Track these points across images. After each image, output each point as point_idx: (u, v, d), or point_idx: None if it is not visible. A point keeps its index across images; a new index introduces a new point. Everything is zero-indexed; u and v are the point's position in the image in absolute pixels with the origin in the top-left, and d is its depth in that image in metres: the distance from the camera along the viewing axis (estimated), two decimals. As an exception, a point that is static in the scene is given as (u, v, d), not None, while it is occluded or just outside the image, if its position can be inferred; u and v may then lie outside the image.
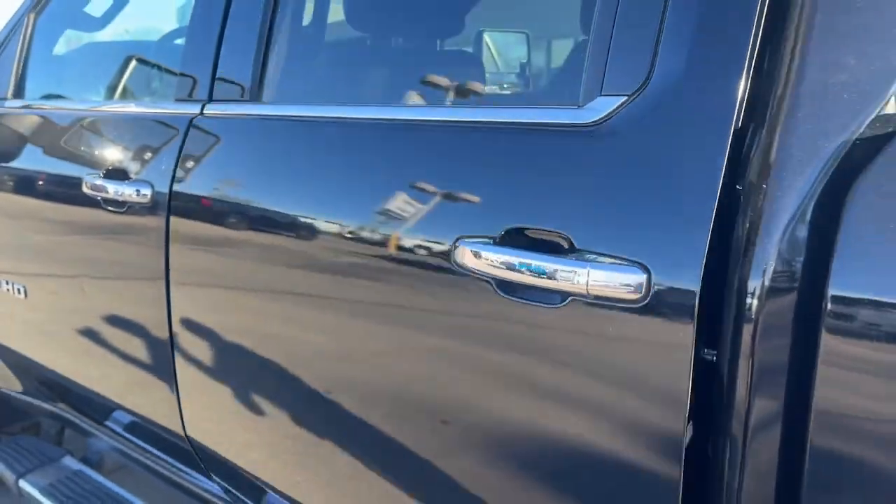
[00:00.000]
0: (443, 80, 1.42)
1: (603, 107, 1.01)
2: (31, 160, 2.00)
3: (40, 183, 1.94)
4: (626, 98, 0.99)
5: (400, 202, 1.19)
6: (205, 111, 1.55)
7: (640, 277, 0.92)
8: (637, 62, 0.99)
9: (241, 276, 1.45)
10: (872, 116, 0.87)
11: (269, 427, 1.51)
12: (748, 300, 0.87)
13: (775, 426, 0.89)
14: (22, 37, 2.09)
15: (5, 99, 2.11)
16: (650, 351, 0.95)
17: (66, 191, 1.84)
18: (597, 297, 0.95)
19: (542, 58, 2.15)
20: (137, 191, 1.58)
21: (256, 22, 1.49)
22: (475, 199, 1.13)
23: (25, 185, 1.99)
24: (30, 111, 2.05)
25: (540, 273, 1.00)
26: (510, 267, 1.03)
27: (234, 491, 1.71)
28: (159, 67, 1.98)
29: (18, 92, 2.09)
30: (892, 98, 0.89)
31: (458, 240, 1.09)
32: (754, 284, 0.86)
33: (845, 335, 0.83)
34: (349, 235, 1.25)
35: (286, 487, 1.56)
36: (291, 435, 1.47)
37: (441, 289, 1.14)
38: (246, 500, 1.69)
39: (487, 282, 1.06)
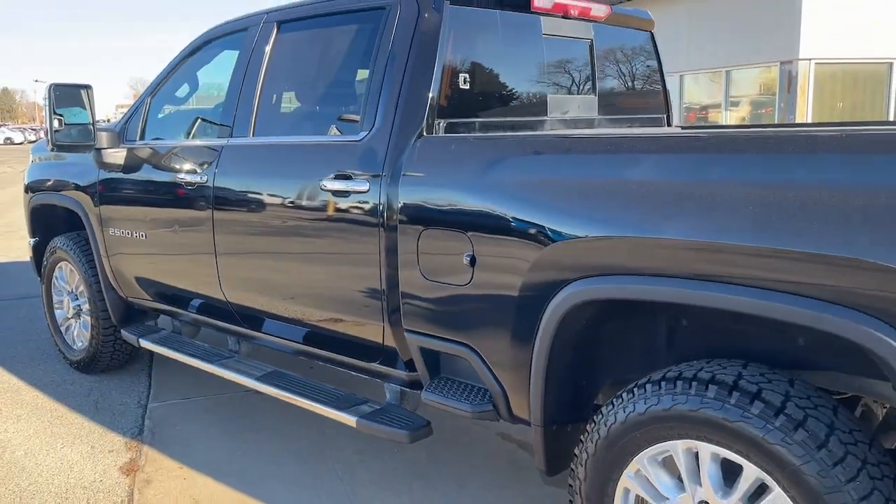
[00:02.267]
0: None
1: (360, 136, 2.85)
2: (147, 170, 3.96)
3: (151, 180, 3.90)
4: (367, 132, 2.84)
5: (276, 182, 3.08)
6: (228, 142, 3.46)
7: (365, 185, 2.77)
8: (368, 119, 2.84)
9: (244, 227, 3.35)
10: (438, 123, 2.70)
11: (256, 291, 3.40)
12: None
13: None
14: (144, 107, 4.08)
15: (135, 140, 4.08)
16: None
17: (164, 182, 3.78)
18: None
19: (336, 112, 3.59)
20: (198, 178, 3.50)
21: (248, 101, 3.40)
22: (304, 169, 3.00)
23: (145, 181, 3.96)
24: (147, 145, 4.01)
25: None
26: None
27: (245, 323, 3.60)
28: (207, 121, 3.89)
29: (142, 136, 4.07)
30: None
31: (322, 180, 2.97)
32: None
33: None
34: (268, 204, 3.15)
35: (262, 306, 3.44)
36: (263, 292, 3.36)
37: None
38: (252, 326, 3.57)
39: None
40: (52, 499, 3.24)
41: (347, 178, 2.84)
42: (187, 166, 3.63)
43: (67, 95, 3.86)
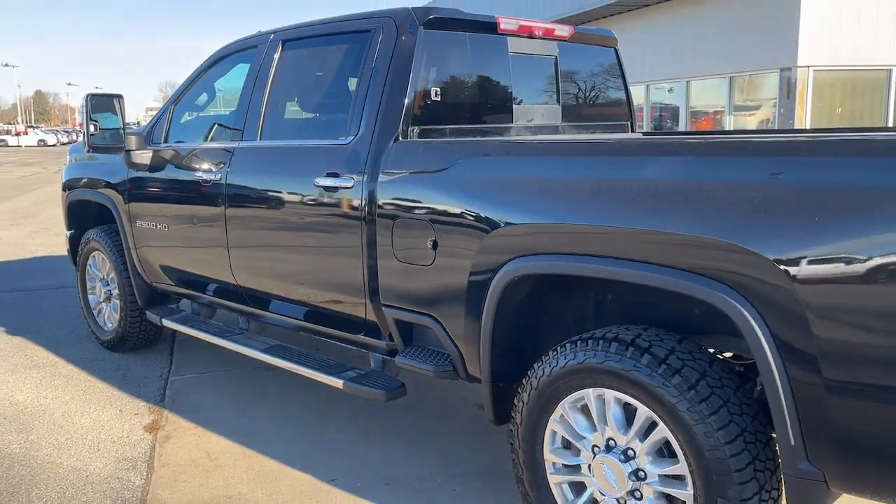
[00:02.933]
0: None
1: (348, 140, 3.36)
2: (170, 169, 4.50)
3: (173, 178, 4.44)
4: (353, 137, 3.35)
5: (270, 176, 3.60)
6: (239, 145, 3.98)
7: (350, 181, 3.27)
8: (354, 125, 3.35)
9: (251, 219, 3.87)
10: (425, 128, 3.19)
11: (261, 275, 3.91)
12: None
13: None
14: (168, 115, 4.62)
15: (160, 143, 4.62)
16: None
17: (184, 180, 4.32)
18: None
19: (329, 119, 4.10)
20: (213, 177, 4.02)
21: (256, 110, 3.91)
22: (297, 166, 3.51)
23: (168, 179, 4.50)
24: (170, 147, 4.55)
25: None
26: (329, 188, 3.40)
27: (253, 304, 4.11)
28: (222, 126, 4.42)
29: (166, 139, 4.61)
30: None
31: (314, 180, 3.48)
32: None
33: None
34: (270, 199, 3.67)
35: (267, 288, 3.95)
36: (267, 276, 3.88)
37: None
38: (258, 306, 4.08)
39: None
40: (86, 449, 3.79)
41: (336, 175, 3.34)
42: (204, 166, 4.16)
43: (101, 103, 4.42)
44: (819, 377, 2.00)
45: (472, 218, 2.82)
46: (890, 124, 11.96)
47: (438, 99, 3.39)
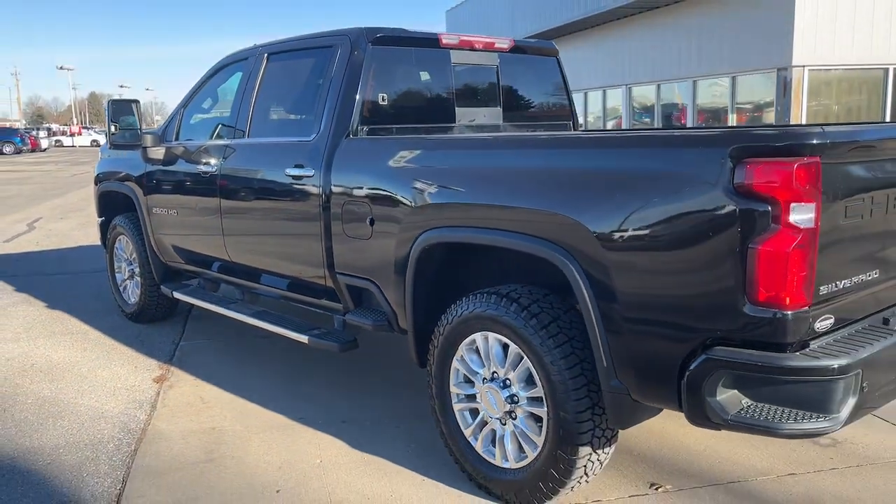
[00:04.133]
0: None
1: (311, 137, 4.07)
2: (178, 163, 5.28)
3: (181, 170, 5.21)
4: (316, 134, 4.06)
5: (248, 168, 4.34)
6: (231, 142, 4.73)
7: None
8: (317, 124, 4.06)
9: (238, 203, 4.61)
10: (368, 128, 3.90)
11: (248, 252, 4.66)
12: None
13: None
14: (178, 117, 5.40)
15: (171, 141, 5.40)
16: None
17: (190, 171, 5.09)
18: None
19: (300, 120, 4.71)
20: (212, 168, 4.79)
21: (246, 111, 4.66)
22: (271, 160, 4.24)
23: (176, 171, 5.27)
24: (179, 144, 5.33)
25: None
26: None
27: (244, 277, 4.86)
28: (222, 125, 5.16)
29: (177, 137, 5.39)
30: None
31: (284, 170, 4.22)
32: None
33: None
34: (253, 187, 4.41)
35: (252, 263, 4.70)
36: (252, 252, 4.62)
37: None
38: (249, 279, 4.83)
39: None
40: (105, 393, 4.58)
41: (301, 167, 4.06)
42: (205, 160, 4.91)
43: (121, 108, 5.22)
44: (618, 314, 2.65)
45: (396, 199, 3.52)
46: (888, 120, 12.26)
47: (385, 103, 4.09)
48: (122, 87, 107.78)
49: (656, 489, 3.34)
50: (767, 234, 2.31)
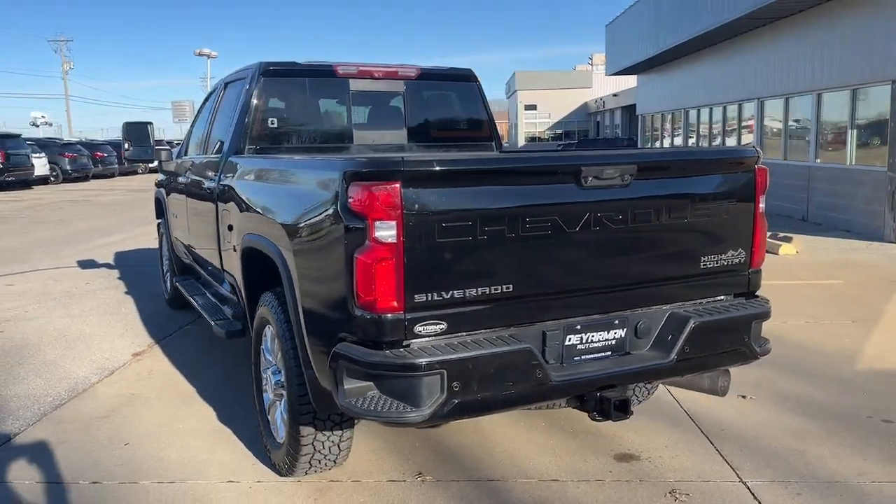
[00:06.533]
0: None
1: (220, 154, 4.82)
2: (176, 175, 6.26)
3: (176, 180, 6.19)
4: (222, 152, 4.81)
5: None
6: (195, 157, 5.61)
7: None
8: (224, 144, 4.80)
9: (186, 204, 5.48)
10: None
11: (186, 242, 5.52)
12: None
13: None
14: (188, 135, 6.40)
15: (181, 155, 6.42)
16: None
17: (178, 181, 6.04)
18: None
19: (222, 139, 5.49)
20: (211, 183, 5.67)
21: (207, 131, 5.52)
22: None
23: (174, 181, 6.26)
24: (180, 160, 6.31)
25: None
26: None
27: (198, 265, 5.72)
28: (195, 143, 6.04)
29: (185, 153, 6.39)
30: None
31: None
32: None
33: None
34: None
35: (197, 257, 5.55)
36: (189, 243, 5.47)
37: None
38: (200, 267, 5.68)
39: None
40: (88, 361, 5.65)
41: (210, 179, 4.82)
42: (183, 172, 5.85)
43: (135, 129, 6.31)
44: (300, 309, 3.10)
45: (236, 207, 4.17)
46: None
47: (274, 126, 4.73)
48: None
49: (416, 476, 3.67)
50: (363, 247, 2.67)
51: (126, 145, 6.32)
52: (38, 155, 28.52)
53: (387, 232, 2.63)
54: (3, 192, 24.55)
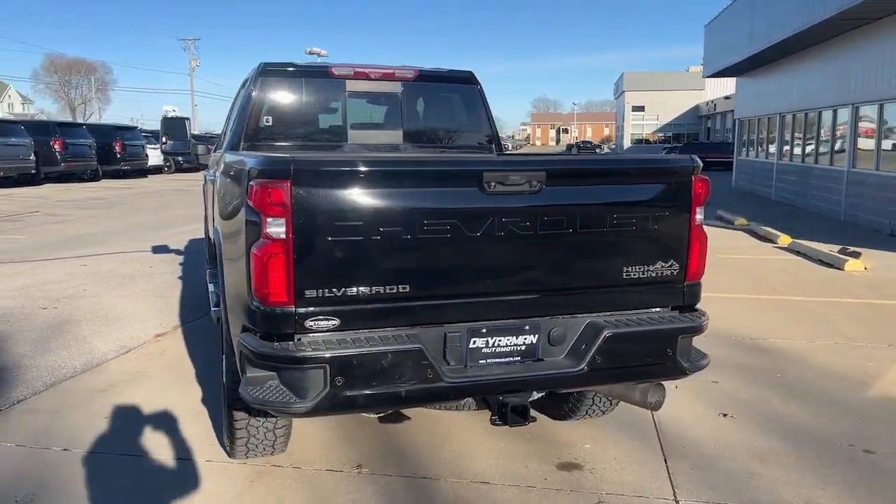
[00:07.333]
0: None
1: (223, 150, 5.09)
2: (212, 165, 6.62)
3: (208, 171, 6.55)
4: (224, 148, 5.08)
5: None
6: (218, 153, 5.93)
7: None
8: (227, 143, 5.07)
9: (215, 194, 5.81)
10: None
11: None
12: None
13: None
14: (224, 129, 6.75)
15: (217, 150, 6.77)
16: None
17: (209, 174, 6.39)
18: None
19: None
20: (210, 175, 6.03)
21: (228, 128, 5.83)
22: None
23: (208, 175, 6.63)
24: (213, 154, 6.67)
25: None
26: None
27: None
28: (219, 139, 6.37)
29: (220, 147, 6.74)
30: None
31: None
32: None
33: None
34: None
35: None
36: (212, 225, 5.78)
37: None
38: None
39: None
40: (114, 339, 6.08)
41: (210, 172, 5.10)
42: (212, 165, 6.18)
43: (173, 125, 6.71)
44: (224, 287, 3.30)
45: (213, 196, 4.41)
46: None
47: (269, 124, 4.94)
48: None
49: (355, 468, 3.78)
50: (258, 242, 2.80)
51: (164, 139, 6.74)
52: (153, 146, 30.42)
53: (277, 228, 2.76)
54: (118, 180, 26.36)
